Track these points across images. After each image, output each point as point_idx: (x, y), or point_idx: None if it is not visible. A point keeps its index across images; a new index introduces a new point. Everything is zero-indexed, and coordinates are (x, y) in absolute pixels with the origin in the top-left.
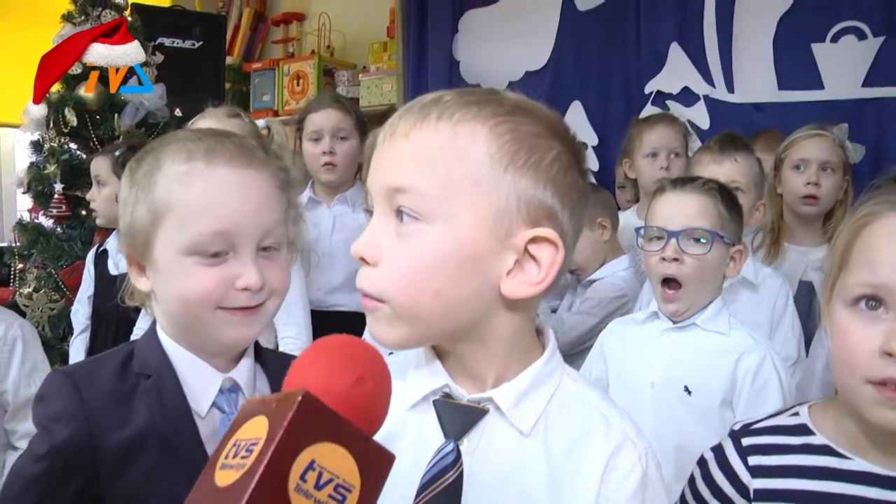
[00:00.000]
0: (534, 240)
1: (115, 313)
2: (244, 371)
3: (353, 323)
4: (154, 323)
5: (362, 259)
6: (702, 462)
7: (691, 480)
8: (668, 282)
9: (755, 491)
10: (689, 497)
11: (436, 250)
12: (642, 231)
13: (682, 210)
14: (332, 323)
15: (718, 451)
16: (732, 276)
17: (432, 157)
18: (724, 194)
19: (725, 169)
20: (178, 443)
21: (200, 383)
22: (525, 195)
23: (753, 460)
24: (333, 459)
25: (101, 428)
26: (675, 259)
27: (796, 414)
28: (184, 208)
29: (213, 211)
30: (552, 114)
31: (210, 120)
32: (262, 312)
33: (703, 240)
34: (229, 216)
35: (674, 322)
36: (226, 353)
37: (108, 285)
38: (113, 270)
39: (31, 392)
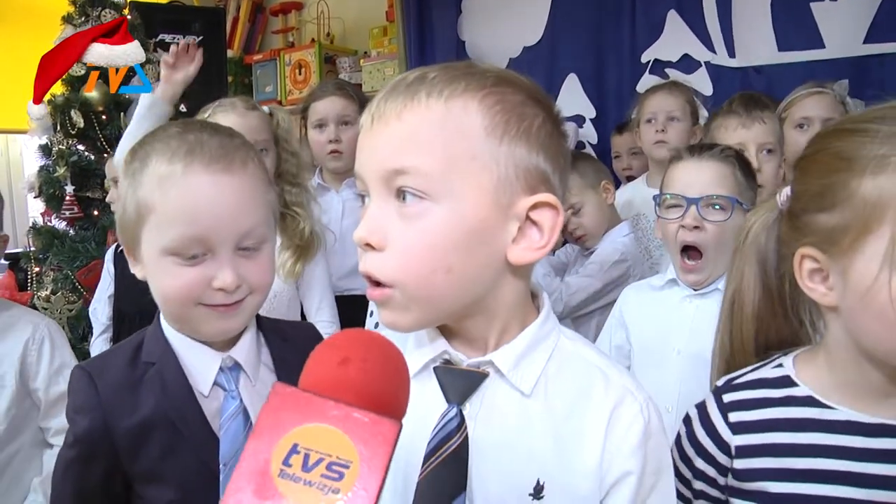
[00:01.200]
0: (534, 206)
1: (137, 313)
2: (244, 349)
3: (366, 306)
4: (159, 312)
5: (367, 245)
6: (687, 420)
7: (677, 439)
8: (688, 251)
9: (736, 448)
10: (675, 456)
11: (444, 227)
12: (659, 199)
13: (700, 177)
14: (345, 307)
15: (702, 408)
16: None
17: (429, 136)
18: (741, 161)
19: (755, 132)
20: (183, 423)
21: (200, 365)
22: (522, 163)
23: (734, 416)
24: (321, 439)
25: (115, 415)
26: (696, 227)
27: (780, 365)
28: (161, 213)
29: (188, 218)
30: (529, 82)
31: (231, 112)
32: (243, 308)
33: (722, 207)
34: (205, 222)
35: (694, 289)
36: (216, 341)
37: (130, 284)
38: None
39: (61, 389)
